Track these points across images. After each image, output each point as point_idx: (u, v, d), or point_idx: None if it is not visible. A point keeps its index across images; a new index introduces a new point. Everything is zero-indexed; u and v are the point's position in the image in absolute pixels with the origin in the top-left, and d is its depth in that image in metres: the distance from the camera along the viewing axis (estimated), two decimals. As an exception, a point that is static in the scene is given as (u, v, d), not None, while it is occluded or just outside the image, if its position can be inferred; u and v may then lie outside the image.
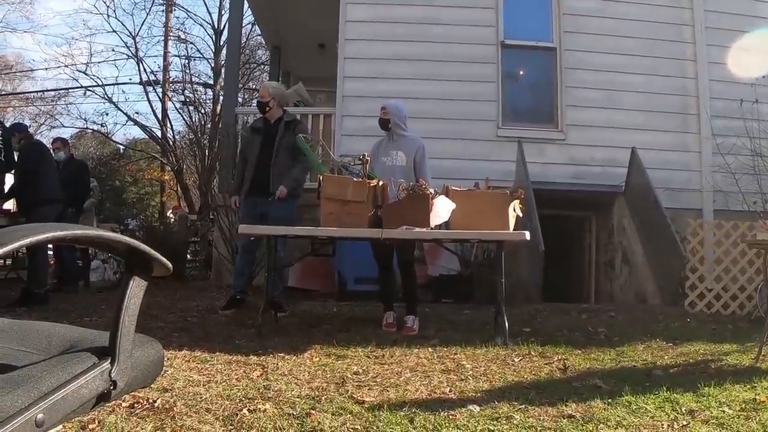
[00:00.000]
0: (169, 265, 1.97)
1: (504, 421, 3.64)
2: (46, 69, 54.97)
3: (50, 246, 10.58)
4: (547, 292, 9.95)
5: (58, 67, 44.82)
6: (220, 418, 3.70)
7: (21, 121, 15.72)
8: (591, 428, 3.55)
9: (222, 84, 23.89)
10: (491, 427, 3.55)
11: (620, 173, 11.63)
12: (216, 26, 33.03)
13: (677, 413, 3.84)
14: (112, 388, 1.82)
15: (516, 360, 5.49)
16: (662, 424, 3.64)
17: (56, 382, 1.65)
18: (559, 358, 5.53)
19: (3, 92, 42.02)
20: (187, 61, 33.21)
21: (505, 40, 12.42)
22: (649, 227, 10.74)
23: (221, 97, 25.42)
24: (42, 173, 9.90)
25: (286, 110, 8.89)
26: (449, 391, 4.36)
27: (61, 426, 1.78)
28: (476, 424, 3.59)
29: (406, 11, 12.43)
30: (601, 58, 12.23)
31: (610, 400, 4.04)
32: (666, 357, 5.73)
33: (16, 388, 1.55)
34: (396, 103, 7.88)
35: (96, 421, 3.54)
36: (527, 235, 6.35)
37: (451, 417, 3.70)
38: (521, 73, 13.08)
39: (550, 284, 10.12)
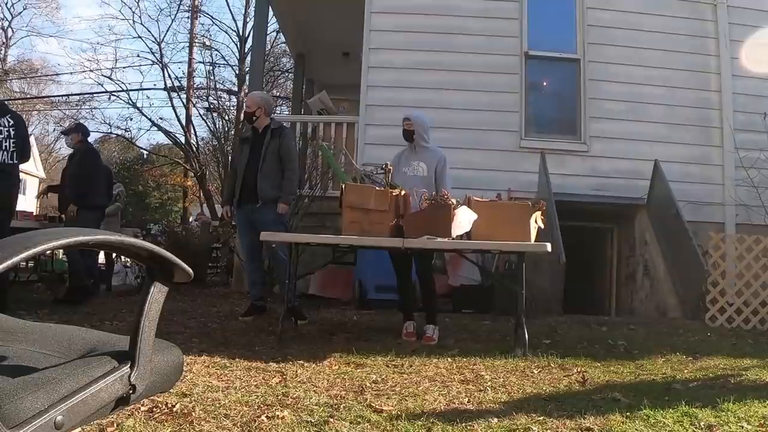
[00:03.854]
0: (190, 271, 1.98)
1: (522, 433, 3.64)
2: (71, 73, 55.42)
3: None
4: (567, 304, 9.93)
5: (83, 71, 45.11)
6: (239, 424, 3.70)
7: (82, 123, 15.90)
8: (609, 441, 3.54)
9: (246, 91, 23.99)
10: (509, 439, 3.54)
11: (643, 186, 11.56)
12: (241, 33, 33.21)
13: (696, 428, 3.82)
14: (131, 392, 1.83)
15: (535, 371, 5.48)
16: (681, 439, 3.63)
17: (76, 385, 1.66)
18: (579, 370, 5.51)
19: (28, 95, 42.28)
20: (211, 67, 33.44)
21: (529, 50, 12.39)
22: (671, 240, 10.69)
23: (245, 104, 25.56)
24: (95, 179, 10.19)
25: (273, 118, 8.90)
26: (468, 402, 4.36)
27: (80, 429, 1.79)
28: (494, 435, 3.59)
29: (431, 21, 12.43)
30: (625, 70, 12.18)
31: (628, 414, 4.02)
32: (686, 371, 5.70)
33: (36, 390, 1.56)
34: (419, 114, 7.90)
35: (114, 425, 3.55)
36: (548, 246, 6.33)
37: (469, 428, 3.70)
38: (544, 83, 13.06)
39: (571, 296, 10.10)
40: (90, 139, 11.01)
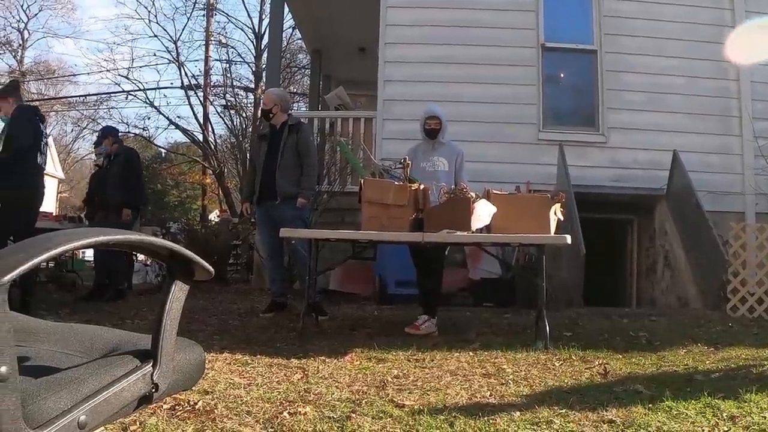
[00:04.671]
0: (211, 269, 1.98)
1: (544, 426, 3.62)
2: (88, 74, 55.53)
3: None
4: (588, 296, 9.88)
5: (100, 71, 45.25)
6: (261, 420, 3.70)
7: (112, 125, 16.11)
8: (631, 433, 3.52)
9: (263, 88, 23.99)
10: (531, 432, 3.53)
11: (662, 176, 11.53)
12: (257, 30, 33.25)
13: (718, 419, 3.79)
14: (153, 390, 1.83)
15: (557, 364, 5.46)
16: (703, 430, 3.59)
17: (99, 385, 1.66)
18: (600, 362, 5.48)
19: (46, 96, 42.44)
20: (228, 65, 33.46)
21: (545, 42, 12.38)
22: (691, 231, 10.65)
23: (262, 101, 25.57)
24: (134, 179, 10.45)
25: (291, 114, 8.91)
26: (490, 396, 4.34)
27: (103, 428, 1.80)
28: (516, 428, 3.57)
29: (447, 14, 12.42)
30: (642, 60, 12.15)
31: (650, 406, 3.99)
32: (707, 362, 5.66)
33: (59, 390, 1.56)
34: (441, 110, 7.91)
35: (137, 423, 3.56)
36: (568, 238, 6.32)
37: (491, 421, 3.69)
38: (562, 75, 13.03)
39: (591, 288, 10.06)
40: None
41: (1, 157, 8.08)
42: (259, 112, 8.90)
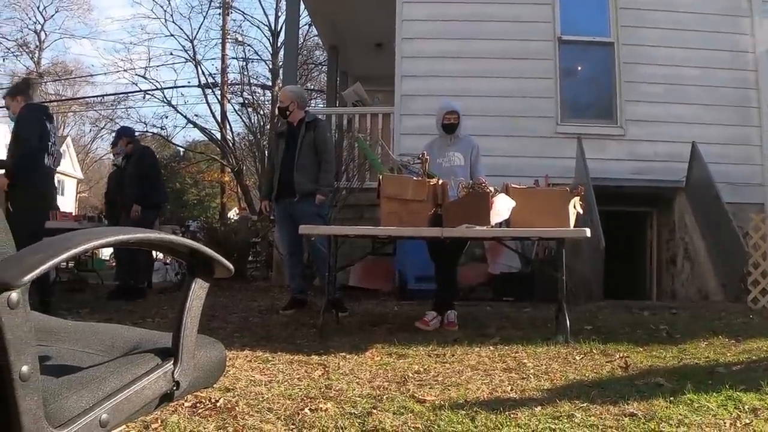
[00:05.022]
0: (231, 267, 1.99)
1: (565, 420, 3.61)
2: (106, 74, 55.83)
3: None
4: (608, 289, 9.86)
5: (117, 71, 45.51)
6: (282, 417, 3.71)
7: (128, 126, 16.24)
8: (653, 427, 3.50)
9: (280, 85, 24.01)
10: (552, 426, 3.52)
11: (681, 168, 11.47)
12: (273, 28, 33.28)
13: (740, 411, 3.77)
14: (175, 388, 1.84)
15: (578, 358, 5.45)
16: (724, 423, 3.58)
17: (120, 383, 1.67)
18: (621, 355, 5.47)
19: (63, 97, 42.63)
20: (244, 63, 33.50)
21: (562, 35, 12.34)
22: (711, 223, 10.60)
23: (279, 99, 25.58)
24: (154, 177, 10.63)
25: (308, 111, 8.92)
26: (511, 390, 4.34)
27: (124, 426, 1.80)
28: (537, 422, 3.57)
29: (463, 8, 12.40)
30: (660, 52, 12.09)
31: (672, 399, 3.98)
32: (728, 354, 5.63)
33: (81, 388, 1.56)
34: (459, 104, 7.91)
35: (159, 421, 3.57)
36: (588, 232, 6.31)
37: (512, 416, 3.68)
38: (579, 68, 12.99)
39: (611, 281, 10.04)
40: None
41: (7, 162, 8.04)
42: (276, 109, 8.89)
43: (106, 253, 22.19)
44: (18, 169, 7.85)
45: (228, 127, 32.48)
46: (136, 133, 12.13)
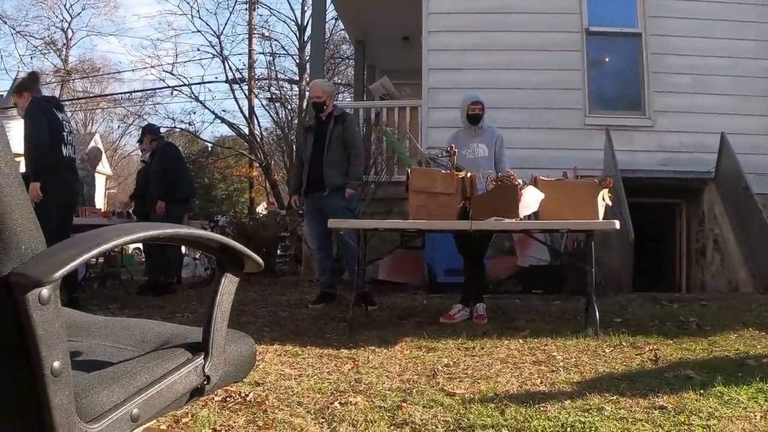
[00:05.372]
0: (260, 261, 1.99)
1: (595, 413, 3.60)
2: (133, 70, 56.06)
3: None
4: (637, 281, 9.81)
5: (145, 68, 45.67)
6: (312, 411, 3.72)
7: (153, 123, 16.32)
8: (683, 419, 3.49)
9: (307, 80, 24.00)
10: (582, 419, 3.51)
11: (710, 159, 11.38)
12: (299, 22, 33.26)
13: (771, 404, 3.76)
14: (205, 382, 1.84)
15: (607, 351, 5.43)
16: (755, 415, 3.56)
17: (151, 378, 1.67)
18: (651, 348, 5.44)
19: (91, 94, 42.86)
20: (271, 58, 33.51)
21: (589, 26, 12.28)
22: (741, 214, 10.54)
23: (307, 93, 25.57)
24: (177, 172, 10.70)
25: (336, 105, 8.95)
26: (540, 383, 4.33)
27: (155, 420, 1.81)
28: (567, 415, 3.56)
29: (489, 1, 12.38)
30: (687, 42, 11.99)
31: (702, 391, 3.96)
32: (759, 346, 5.59)
33: (112, 383, 1.57)
34: (483, 96, 7.88)
35: (189, 415, 3.59)
36: (617, 224, 6.27)
37: (542, 409, 3.68)
38: (607, 60, 12.94)
39: (640, 273, 9.99)
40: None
41: (28, 170, 7.96)
42: (311, 105, 8.88)
43: (135, 248, 22.32)
44: (38, 167, 7.80)
45: (256, 122, 32.50)
46: (164, 130, 12.21)
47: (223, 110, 52.59)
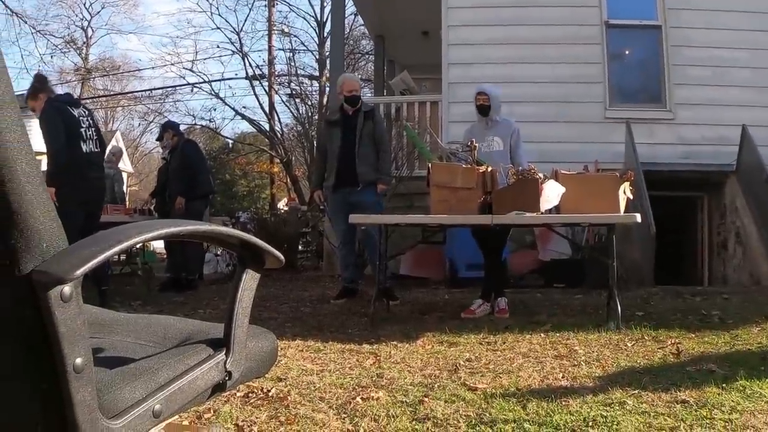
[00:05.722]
0: (281, 257, 1.99)
1: (617, 407, 3.60)
2: (153, 68, 56.21)
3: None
4: (659, 274, 9.77)
5: (165, 65, 45.80)
6: (334, 406, 3.73)
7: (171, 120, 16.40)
8: (705, 413, 3.47)
9: (327, 75, 24.01)
10: (604, 413, 3.50)
11: (731, 152, 11.33)
12: (319, 18, 33.25)
13: (795, 397, 3.75)
14: (227, 378, 1.85)
15: (629, 345, 5.41)
16: (778, 409, 3.55)
17: (173, 374, 1.68)
18: (673, 342, 5.42)
19: (112, 92, 43.02)
20: (291, 54, 33.53)
21: (609, 19, 12.24)
22: (763, 206, 10.48)
23: (327, 89, 25.58)
24: (197, 168, 10.72)
25: (363, 100, 8.97)
26: (562, 378, 4.33)
27: (177, 416, 1.82)
28: (589, 410, 3.56)
29: (508, -5, 12.36)
30: (707, 35, 11.93)
31: (724, 385, 3.94)
32: (782, 339, 5.59)
33: (134, 379, 1.58)
34: (493, 87, 7.85)
35: (211, 411, 3.61)
36: (638, 217, 6.26)
37: (564, 403, 3.68)
38: (627, 52, 12.90)
39: (662, 267, 9.95)
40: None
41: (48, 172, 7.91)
42: (345, 98, 8.80)
43: (156, 245, 22.41)
44: (53, 170, 7.73)
45: (276, 118, 32.51)
46: (185, 127, 12.24)
47: (244, 107, 52.52)
